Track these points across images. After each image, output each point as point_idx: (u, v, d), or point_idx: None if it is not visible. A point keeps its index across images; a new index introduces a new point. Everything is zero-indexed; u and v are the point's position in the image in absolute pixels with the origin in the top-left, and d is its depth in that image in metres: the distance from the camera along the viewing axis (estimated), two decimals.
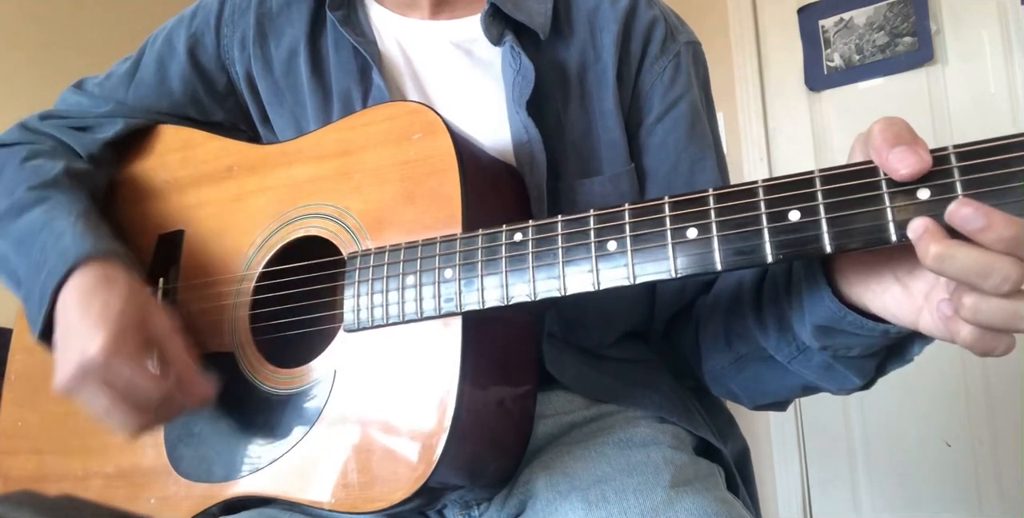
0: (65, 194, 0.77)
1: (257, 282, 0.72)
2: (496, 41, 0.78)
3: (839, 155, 2.60)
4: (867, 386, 0.64)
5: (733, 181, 0.80)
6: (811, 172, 0.47)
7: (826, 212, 0.46)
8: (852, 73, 2.59)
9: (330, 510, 0.62)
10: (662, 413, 0.74)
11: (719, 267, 0.49)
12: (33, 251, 0.71)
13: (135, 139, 0.87)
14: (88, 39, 2.47)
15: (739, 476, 0.76)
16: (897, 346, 0.59)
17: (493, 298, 0.57)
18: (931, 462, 2.38)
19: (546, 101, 0.77)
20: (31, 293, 0.70)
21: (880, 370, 0.61)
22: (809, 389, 0.68)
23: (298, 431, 0.64)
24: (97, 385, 0.62)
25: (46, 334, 0.68)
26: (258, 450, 0.67)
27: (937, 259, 0.42)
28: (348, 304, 0.64)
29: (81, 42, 2.45)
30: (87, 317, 0.63)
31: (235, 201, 0.77)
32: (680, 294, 0.78)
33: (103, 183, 0.85)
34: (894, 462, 2.43)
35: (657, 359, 0.82)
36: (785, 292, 0.61)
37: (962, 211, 0.41)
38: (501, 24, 0.78)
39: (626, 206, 0.54)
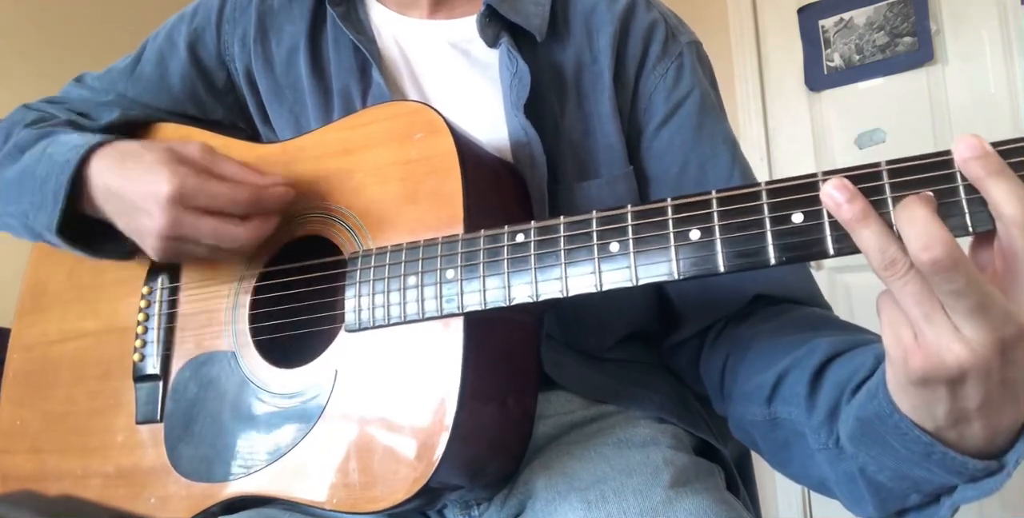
0: (68, 128, 0.78)
1: (257, 282, 0.72)
2: (492, 43, 0.78)
3: (839, 155, 2.61)
4: None
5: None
6: (815, 174, 0.47)
7: (830, 215, 0.46)
8: (852, 73, 2.59)
9: (331, 510, 0.62)
10: (662, 413, 0.74)
11: (722, 269, 0.49)
12: (39, 169, 0.72)
13: (134, 136, 0.87)
14: (88, 39, 2.47)
15: (739, 476, 0.76)
16: (928, 500, 0.51)
17: (495, 299, 0.57)
18: None
19: (543, 104, 0.77)
20: (43, 200, 0.70)
21: (900, 516, 0.53)
22: (825, 488, 0.60)
23: (299, 431, 0.64)
24: (192, 214, 0.63)
25: (65, 230, 0.70)
26: (259, 450, 0.66)
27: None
28: (349, 304, 0.64)
29: (81, 42, 2.45)
30: (133, 174, 0.65)
31: None
32: (705, 313, 0.75)
33: None
34: None
35: (657, 360, 0.82)
36: (855, 388, 0.54)
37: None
38: (497, 26, 0.78)
39: (628, 208, 0.54)
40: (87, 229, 0.73)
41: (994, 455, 0.46)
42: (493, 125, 0.76)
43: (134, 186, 0.65)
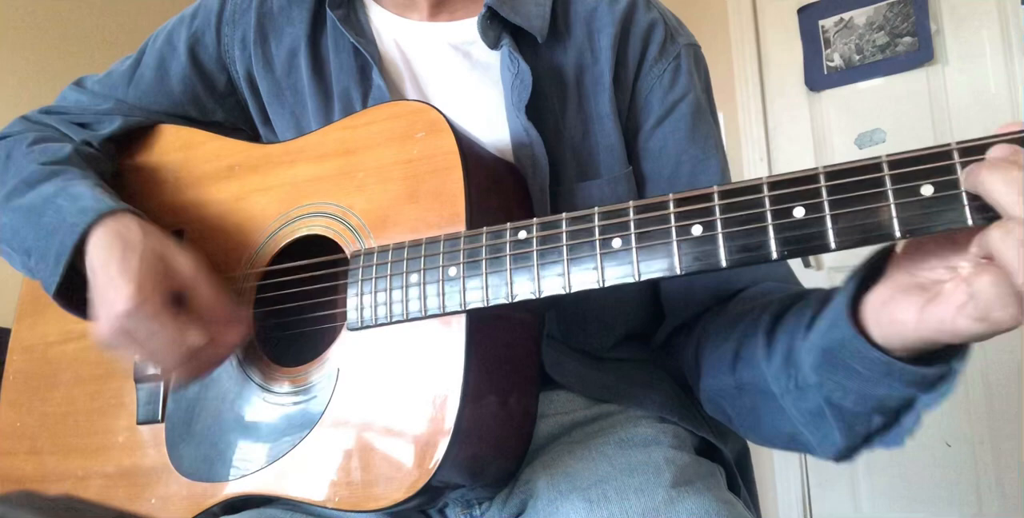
0: (78, 168, 0.78)
1: (259, 281, 0.72)
2: (493, 45, 0.78)
3: (839, 155, 2.62)
4: (848, 455, 0.58)
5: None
6: (815, 169, 0.47)
7: (830, 209, 0.46)
8: (852, 73, 2.60)
9: (332, 508, 0.62)
10: (663, 413, 0.74)
11: (724, 264, 0.49)
12: (46, 216, 0.72)
13: (135, 139, 0.87)
14: (88, 39, 2.47)
15: (739, 476, 0.76)
16: (890, 421, 0.54)
17: (497, 296, 0.57)
18: (931, 462, 2.38)
19: (544, 105, 0.77)
20: (46, 252, 0.71)
21: (867, 441, 0.57)
22: (795, 442, 0.63)
23: (300, 430, 0.64)
24: (129, 341, 0.64)
25: (62, 291, 0.70)
26: (260, 449, 0.66)
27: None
28: (351, 302, 0.64)
29: (81, 42, 2.45)
30: (108, 274, 0.65)
31: (237, 201, 0.77)
32: (685, 307, 0.76)
33: (108, 173, 0.85)
34: (894, 462, 2.43)
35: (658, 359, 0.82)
36: (807, 327, 0.57)
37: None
38: (498, 27, 0.78)
39: (630, 204, 0.54)
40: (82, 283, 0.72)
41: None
42: (494, 126, 0.76)
43: (106, 282, 0.65)
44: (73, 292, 0.71)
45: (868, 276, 0.51)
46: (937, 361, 0.49)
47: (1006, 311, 0.41)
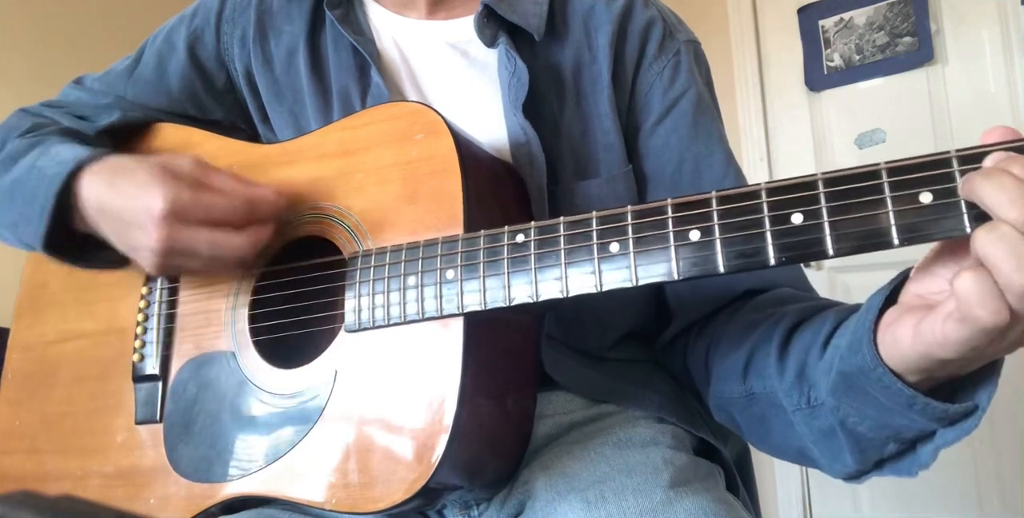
0: (58, 136, 0.77)
1: (257, 282, 0.72)
2: (490, 43, 0.78)
3: (839, 155, 2.61)
4: (858, 477, 0.58)
5: None
6: (814, 175, 0.47)
7: (829, 215, 0.46)
8: (852, 73, 2.59)
9: (330, 510, 0.62)
10: (662, 413, 0.74)
11: (721, 269, 0.49)
12: (29, 182, 0.71)
13: (134, 137, 0.87)
14: (88, 39, 2.47)
15: (739, 476, 0.76)
16: (905, 449, 0.54)
17: (495, 299, 0.57)
18: None
19: (542, 103, 0.77)
20: (31, 214, 0.69)
21: (878, 467, 0.56)
22: (804, 457, 0.62)
23: (299, 431, 0.64)
24: (187, 228, 0.63)
25: (53, 241, 0.69)
26: (258, 450, 0.66)
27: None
28: (349, 304, 0.64)
29: (81, 42, 2.45)
30: (125, 190, 0.64)
31: None
32: (694, 307, 0.76)
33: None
34: None
35: (656, 359, 0.82)
36: (822, 346, 0.56)
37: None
38: (495, 25, 0.78)
39: (628, 208, 0.54)
40: (78, 241, 0.72)
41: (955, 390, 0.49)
42: (492, 125, 0.76)
43: (127, 202, 0.64)
44: (65, 252, 0.71)
45: (886, 300, 0.50)
46: (963, 396, 0.49)
47: (986, 308, 0.40)
